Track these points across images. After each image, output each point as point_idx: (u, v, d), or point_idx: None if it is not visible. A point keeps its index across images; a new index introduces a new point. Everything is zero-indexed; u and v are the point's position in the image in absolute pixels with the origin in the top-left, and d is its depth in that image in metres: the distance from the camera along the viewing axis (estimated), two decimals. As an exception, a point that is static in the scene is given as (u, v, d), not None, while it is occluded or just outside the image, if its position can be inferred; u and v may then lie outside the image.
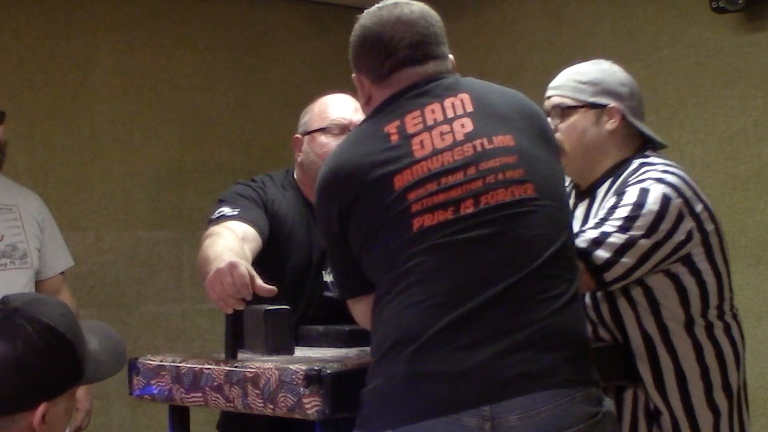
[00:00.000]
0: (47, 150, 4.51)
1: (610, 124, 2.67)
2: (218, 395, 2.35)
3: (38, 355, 1.82)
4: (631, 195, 2.52)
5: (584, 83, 2.71)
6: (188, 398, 2.43)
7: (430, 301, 2.09)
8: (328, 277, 2.92)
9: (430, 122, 2.18)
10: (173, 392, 2.47)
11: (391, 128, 2.18)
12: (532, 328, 2.09)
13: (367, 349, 2.53)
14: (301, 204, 2.94)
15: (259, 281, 2.40)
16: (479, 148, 2.15)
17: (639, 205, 2.50)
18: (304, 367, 2.18)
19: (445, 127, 2.17)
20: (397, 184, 2.13)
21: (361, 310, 2.28)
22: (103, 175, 4.63)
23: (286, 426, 2.50)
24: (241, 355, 2.48)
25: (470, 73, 5.46)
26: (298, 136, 2.99)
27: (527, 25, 4.73)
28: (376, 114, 2.26)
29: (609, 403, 2.20)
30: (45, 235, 3.75)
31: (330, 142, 2.89)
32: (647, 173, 2.57)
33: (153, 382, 2.51)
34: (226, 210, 2.77)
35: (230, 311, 2.43)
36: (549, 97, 2.75)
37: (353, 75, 2.36)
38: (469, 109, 2.20)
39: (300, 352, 2.54)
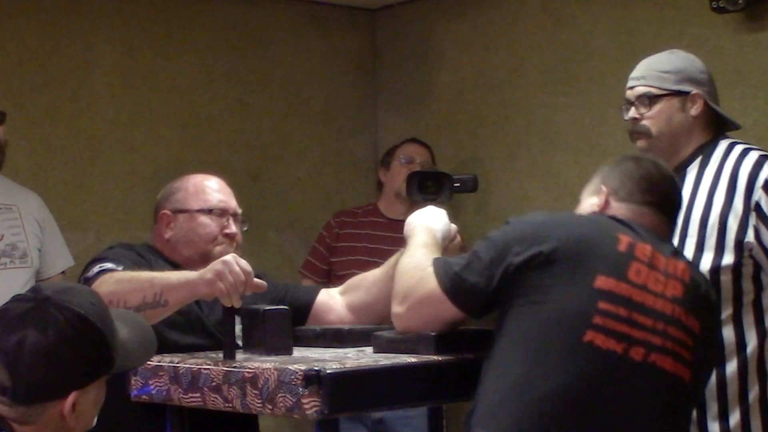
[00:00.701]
0: (47, 150, 4.50)
1: (695, 110, 2.88)
2: (216, 395, 2.35)
3: (69, 344, 1.84)
4: None
5: (667, 72, 2.90)
6: (186, 399, 2.43)
7: (558, 426, 2.18)
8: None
9: (654, 264, 2.30)
10: (171, 392, 2.46)
11: (624, 238, 2.29)
12: None
13: (366, 349, 2.53)
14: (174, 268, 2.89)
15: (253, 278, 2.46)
16: (675, 315, 2.27)
17: None
18: (303, 367, 2.18)
19: (662, 278, 2.29)
20: (597, 282, 2.23)
21: (440, 309, 2.33)
22: (103, 175, 4.62)
23: None
24: (239, 356, 2.48)
25: (470, 73, 5.49)
26: (167, 212, 2.96)
27: (527, 25, 4.73)
28: (612, 218, 2.38)
29: None
30: (45, 235, 3.76)
31: (212, 224, 2.91)
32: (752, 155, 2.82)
33: (151, 382, 2.50)
34: (109, 265, 2.72)
35: (230, 305, 2.45)
36: (632, 87, 2.94)
37: (596, 181, 2.51)
38: (686, 279, 2.33)
39: (298, 352, 2.54)
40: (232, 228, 2.93)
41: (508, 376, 2.22)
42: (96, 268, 2.73)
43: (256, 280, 2.48)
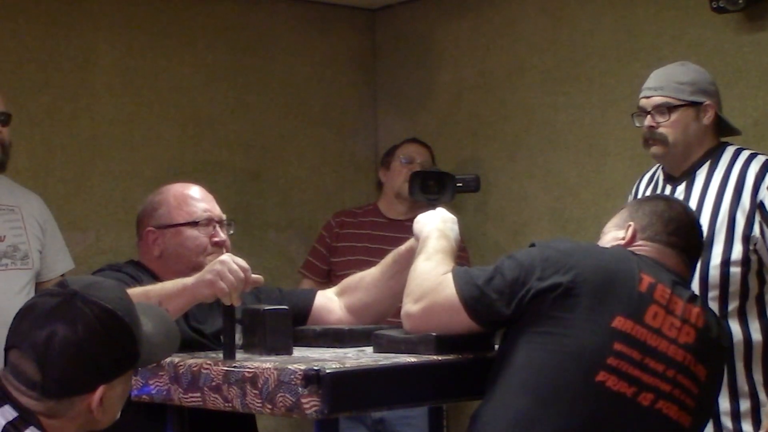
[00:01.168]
0: (47, 150, 4.50)
1: (707, 119, 3.12)
2: (216, 395, 2.35)
3: (97, 339, 1.87)
4: None
5: (683, 84, 3.12)
6: (186, 398, 2.43)
7: None
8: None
9: (671, 308, 2.32)
10: (171, 392, 2.46)
11: (645, 278, 2.31)
12: None
13: (366, 349, 2.53)
14: None
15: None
16: (686, 362, 2.30)
17: None
18: (302, 367, 2.18)
19: (678, 323, 2.31)
20: (615, 323, 2.25)
21: (454, 317, 2.33)
22: (103, 175, 4.62)
23: None
24: (239, 355, 2.48)
25: (470, 73, 5.48)
26: (151, 229, 2.95)
27: (527, 25, 4.73)
28: (636, 255, 2.39)
29: None
30: (46, 237, 3.76)
31: (200, 235, 2.89)
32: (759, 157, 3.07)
33: (151, 382, 2.50)
34: None
35: (230, 303, 2.47)
36: (648, 97, 3.14)
37: (623, 215, 2.53)
38: (700, 324, 2.35)
39: (298, 352, 2.54)
40: (221, 235, 2.91)
41: (513, 408, 2.23)
42: None
43: (253, 275, 2.51)
